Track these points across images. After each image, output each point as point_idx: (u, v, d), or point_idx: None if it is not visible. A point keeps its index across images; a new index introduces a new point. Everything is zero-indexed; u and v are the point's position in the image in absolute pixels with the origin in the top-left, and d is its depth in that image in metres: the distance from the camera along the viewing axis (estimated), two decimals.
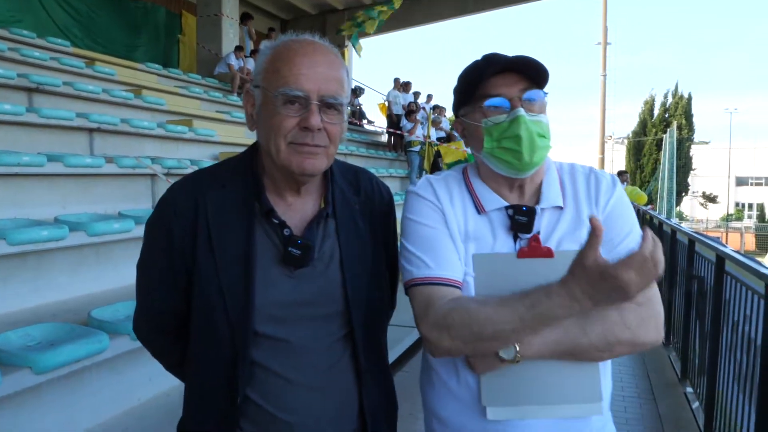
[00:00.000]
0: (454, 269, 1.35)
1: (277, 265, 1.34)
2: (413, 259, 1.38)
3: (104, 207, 4.84)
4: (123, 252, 4.35)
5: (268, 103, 1.32)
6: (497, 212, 1.41)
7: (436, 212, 1.41)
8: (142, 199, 5.27)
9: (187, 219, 1.34)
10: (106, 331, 3.01)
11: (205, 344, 1.35)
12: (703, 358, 4.15)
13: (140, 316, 1.50)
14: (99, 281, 4.18)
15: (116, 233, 4.16)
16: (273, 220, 1.36)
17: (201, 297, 1.34)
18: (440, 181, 1.47)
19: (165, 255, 1.37)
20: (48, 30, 10.76)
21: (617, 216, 1.41)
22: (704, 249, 4.50)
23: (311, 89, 1.28)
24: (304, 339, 1.35)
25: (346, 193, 1.47)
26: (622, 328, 1.28)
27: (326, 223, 1.42)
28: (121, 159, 5.04)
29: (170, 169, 5.45)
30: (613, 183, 1.45)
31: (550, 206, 1.41)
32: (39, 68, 7.20)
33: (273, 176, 1.39)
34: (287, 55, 1.31)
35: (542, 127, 1.37)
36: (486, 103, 1.37)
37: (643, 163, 36.61)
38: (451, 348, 1.27)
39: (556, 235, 1.38)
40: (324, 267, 1.39)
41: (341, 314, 1.39)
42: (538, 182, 1.44)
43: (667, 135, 17.70)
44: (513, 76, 1.36)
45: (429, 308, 1.30)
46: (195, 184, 1.40)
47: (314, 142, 1.30)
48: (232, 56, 12.40)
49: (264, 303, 1.31)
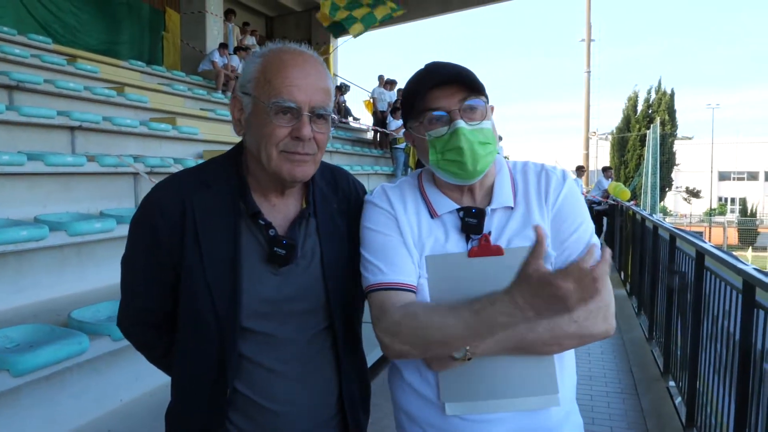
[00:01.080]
0: (408, 274, 1.40)
1: (263, 263, 1.40)
2: (369, 266, 1.42)
3: (86, 206, 4.79)
4: (105, 252, 4.31)
5: (259, 112, 1.36)
6: (449, 215, 1.47)
7: (390, 219, 1.46)
8: (124, 199, 5.22)
9: (173, 219, 1.38)
10: (87, 332, 2.98)
11: (193, 339, 1.40)
12: (684, 353, 4.19)
13: (125, 311, 1.53)
14: (80, 282, 4.14)
15: (98, 233, 4.12)
16: (259, 221, 1.41)
17: (189, 294, 1.38)
18: (395, 189, 1.52)
19: (150, 252, 1.40)
20: (28, 26, 10.61)
21: (567, 211, 1.45)
22: (685, 245, 4.54)
23: (303, 101, 1.34)
24: (289, 333, 1.41)
25: (326, 193, 1.54)
26: (569, 322, 1.33)
27: (308, 222, 1.48)
28: (103, 157, 4.99)
29: (153, 168, 5.41)
30: (563, 178, 1.49)
31: (501, 206, 1.46)
32: (19, 65, 7.11)
33: (258, 178, 1.44)
34: (279, 66, 1.35)
35: (485, 134, 1.41)
36: (426, 115, 1.42)
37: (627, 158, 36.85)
38: (403, 351, 1.33)
39: (507, 233, 1.43)
40: (306, 264, 1.45)
41: (322, 309, 1.45)
42: (489, 184, 1.50)
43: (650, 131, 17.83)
44: (451, 88, 1.40)
45: (382, 314, 1.35)
46: (180, 184, 1.43)
47: (305, 150, 1.37)
48: (216, 53, 12.32)
49: (250, 300, 1.37)
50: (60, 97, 6.58)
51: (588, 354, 5.59)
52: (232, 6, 14.99)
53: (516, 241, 1.42)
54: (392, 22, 16.93)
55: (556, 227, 1.43)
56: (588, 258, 1.07)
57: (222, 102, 11.16)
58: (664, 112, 36.37)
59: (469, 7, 17.75)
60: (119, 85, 8.24)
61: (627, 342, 6.08)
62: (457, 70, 1.40)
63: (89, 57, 9.47)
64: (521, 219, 1.44)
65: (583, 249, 1.39)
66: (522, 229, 1.43)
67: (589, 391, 4.71)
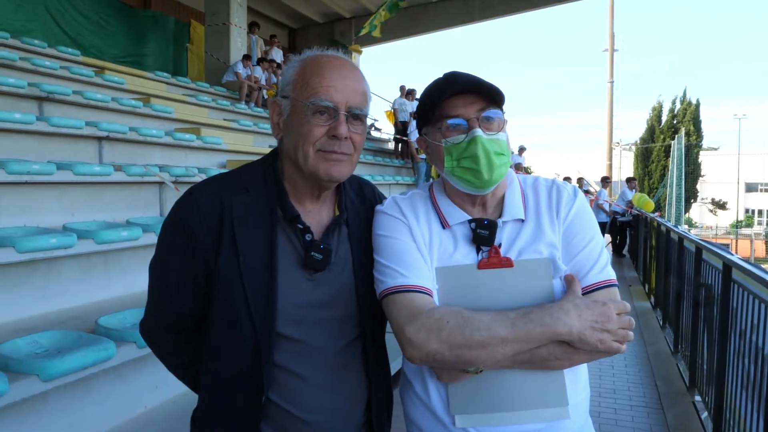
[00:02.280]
0: (427, 279, 1.42)
1: (298, 268, 1.42)
2: (387, 271, 1.43)
3: (112, 215, 4.87)
4: (131, 260, 4.37)
5: (297, 112, 1.40)
6: (460, 226, 1.48)
7: (403, 226, 1.47)
8: (150, 207, 5.30)
9: (211, 221, 1.39)
10: (113, 339, 3.02)
11: (227, 345, 1.41)
12: (711, 367, 4.11)
13: (152, 317, 1.53)
14: (107, 289, 4.21)
15: (124, 241, 4.18)
16: (298, 225, 1.43)
17: (224, 299, 1.39)
18: (405, 200, 1.54)
19: (185, 256, 1.41)
20: (58, 39, 10.88)
21: (578, 226, 1.47)
22: (711, 257, 4.47)
23: (340, 101, 1.38)
24: (321, 340, 1.43)
25: (355, 203, 1.57)
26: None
27: (340, 229, 1.51)
28: (129, 167, 5.07)
29: (178, 177, 5.48)
30: (574, 194, 1.51)
31: (512, 219, 1.47)
32: (49, 77, 7.27)
33: (294, 183, 1.47)
34: (317, 69, 1.40)
35: (500, 145, 1.43)
36: (445, 123, 1.43)
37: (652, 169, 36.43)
38: (436, 352, 1.31)
39: (517, 245, 1.45)
40: (339, 271, 1.47)
41: (353, 317, 1.48)
42: (500, 196, 1.51)
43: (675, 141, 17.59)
44: (470, 97, 1.42)
45: (417, 312, 1.34)
46: (219, 187, 1.45)
47: (341, 149, 1.40)
48: (239, 65, 12.47)
49: (286, 305, 1.38)
50: (88, 107, 6.70)
51: (612, 367, 5.52)
52: (255, 18, 15.19)
53: (526, 254, 1.43)
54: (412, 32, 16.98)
55: (567, 241, 1.45)
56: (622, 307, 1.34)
57: (245, 113, 11.28)
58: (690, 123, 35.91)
59: (491, 18, 17.76)
60: (145, 96, 8.38)
61: (652, 355, 5.98)
62: (477, 80, 1.42)
63: (116, 69, 9.64)
64: (531, 232, 1.46)
65: (593, 264, 1.42)
66: (532, 242, 1.44)
67: (612, 405, 4.65)
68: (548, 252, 1.43)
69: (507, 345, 1.28)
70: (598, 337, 1.29)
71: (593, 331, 1.29)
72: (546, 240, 1.44)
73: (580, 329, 1.28)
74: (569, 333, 1.28)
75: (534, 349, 1.31)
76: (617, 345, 1.30)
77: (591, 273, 1.41)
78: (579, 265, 1.42)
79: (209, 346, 1.45)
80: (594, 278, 1.41)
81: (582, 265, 1.42)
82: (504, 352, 1.29)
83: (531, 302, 1.36)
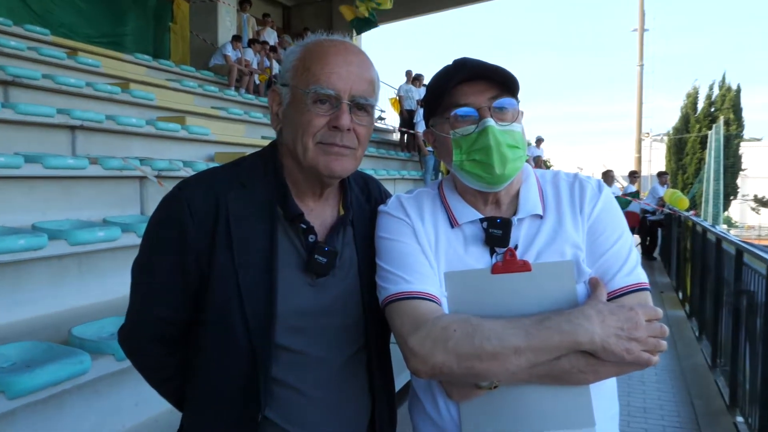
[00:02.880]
0: (433, 284, 1.41)
1: (299, 272, 1.42)
2: (389, 276, 1.43)
3: (88, 213, 4.87)
4: (108, 263, 4.38)
5: (297, 101, 1.40)
6: (471, 225, 1.48)
7: (407, 228, 1.48)
8: (129, 205, 5.30)
9: (204, 219, 1.39)
10: (89, 351, 3.02)
11: (220, 356, 1.40)
12: (754, 384, 4.10)
13: (134, 324, 1.53)
14: (81, 295, 4.21)
15: (101, 242, 4.18)
16: (300, 225, 1.44)
17: (217, 304, 1.39)
18: (410, 199, 1.54)
19: (175, 257, 1.41)
20: (24, 17, 10.83)
21: (603, 224, 1.46)
22: (754, 260, 4.46)
23: (343, 88, 1.38)
24: (323, 351, 1.43)
25: (360, 201, 1.58)
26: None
27: (345, 230, 1.52)
28: (106, 160, 5.07)
29: (160, 171, 5.48)
30: (599, 189, 1.50)
31: (528, 215, 1.47)
32: (15, 59, 7.26)
33: (295, 179, 1.48)
34: (319, 54, 1.40)
35: (514, 137, 1.42)
36: (453, 112, 1.43)
37: (686, 162, 36.34)
38: (443, 365, 1.30)
39: (536, 246, 1.44)
40: (344, 275, 1.48)
41: (357, 324, 1.48)
42: (515, 193, 1.50)
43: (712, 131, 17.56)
44: (481, 84, 1.42)
45: (422, 321, 1.34)
46: (213, 182, 1.45)
47: (343, 142, 1.40)
48: (228, 46, 12.48)
49: (285, 312, 1.38)
50: (59, 93, 6.70)
51: (642, 383, 5.51)
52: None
53: (546, 255, 1.42)
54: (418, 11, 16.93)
55: (591, 241, 1.44)
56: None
57: (235, 100, 11.29)
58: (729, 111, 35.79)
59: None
60: (123, 80, 8.39)
61: (686, 370, 5.97)
62: (489, 66, 1.42)
63: (91, 50, 9.65)
64: (551, 230, 1.45)
65: (621, 265, 1.41)
66: (552, 242, 1.43)
67: (643, 425, 4.64)
68: (571, 253, 1.42)
69: (521, 355, 1.27)
70: (625, 346, 1.27)
71: (619, 340, 1.27)
72: (568, 240, 1.43)
73: (603, 337, 1.27)
74: (591, 341, 1.27)
75: (553, 360, 1.30)
76: (647, 356, 1.29)
77: (618, 275, 1.40)
78: (605, 267, 1.41)
79: (199, 358, 1.44)
80: (622, 281, 1.40)
81: (608, 267, 1.41)
82: (518, 363, 1.28)
83: (552, 310, 1.35)
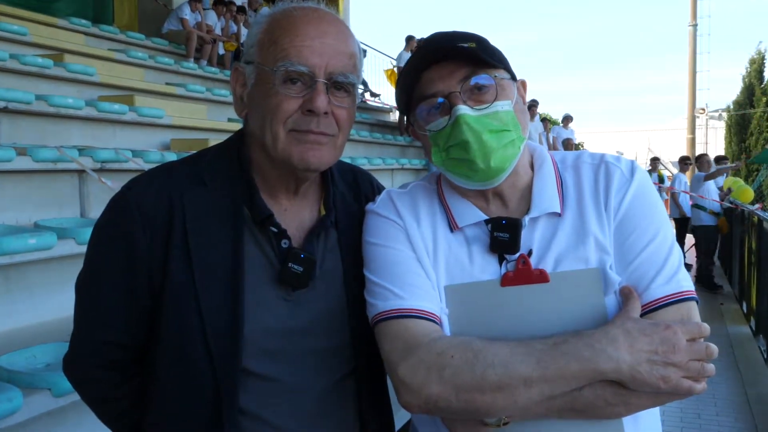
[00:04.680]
0: (430, 299, 1.42)
1: (271, 284, 1.44)
2: (378, 290, 1.44)
3: (15, 215, 4.86)
4: (42, 276, 4.37)
5: (263, 81, 1.41)
6: (474, 228, 1.49)
7: (398, 231, 1.48)
8: (66, 204, 5.29)
9: (158, 224, 1.41)
10: (20, 385, 3.00)
11: (178, 385, 1.42)
12: None
13: (80, 350, 1.54)
14: (10, 317, 4.19)
15: (32, 251, 4.16)
16: (271, 228, 1.44)
17: (174, 324, 1.41)
18: (403, 196, 1.55)
19: (123, 269, 1.43)
20: None
21: (635, 219, 1.44)
22: None
23: (317, 64, 1.38)
24: (302, 378, 1.44)
25: (347, 198, 1.59)
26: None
27: (327, 233, 1.53)
28: (37, 150, 5.05)
29: (104, 164, 5.46)
30: (631, 173, 1.48)
31: (544, 213, 1.46)
32: None
33: (265, 174, 1.49)
34: (288, 24, 1.40)
35: (499, 118, 1.41)
36: (422, 106, 1.44)
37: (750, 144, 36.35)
38: (438, 398, 1.30)
39: (553, 251, 1.44)
40: (326, 288, 1.49)
41: (344, 348, 1.50)
42: (524, 185, 1.50)
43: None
44: (449, 65, 1.42)
45: (414, 344, 1.35)
46: (167, 180, 1.46)
47: (320, 129, 1.40)
48: (186, 8, 12.46)
49: (254, 332, 1.40)
50: None
51: (698, 416, 5.53)
52: None
53: (566, 262, 1.42)
54: None
55: (620, 242, 1.43)
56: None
57: (195, 74, 11.27)
58: None
59: None
60: (56, 51, 8.36)
61: (752, 399, 5.99)
62: (454, 41, 1.41)
63: (15, 14, 9.58)
64: (573, 231, 1.45)
65: (657, 271, 1.39)
66: (574, 246, 1.43)
67: None
68: (597, 258, 1.42)
69: (532, 387, 1.27)
70: (660, 373, 1.26)
71: (652, 366, 1.26)
72: (593, 242, 1.43)
73: (632, 364, 1.25)
74: (617, 370, 1.26)
75: (573, 392, 1.29)
76: (688, 383, 1.27)
77: (654, 284, 1.39)
78: (637, 275, 1.40)
79: (156, 387, 1.46)
80: (659, 291, 1.38)
81: (642, 274, 1.40)
82: (529, 396, 1.28)
83: (574, 330, 1.33)
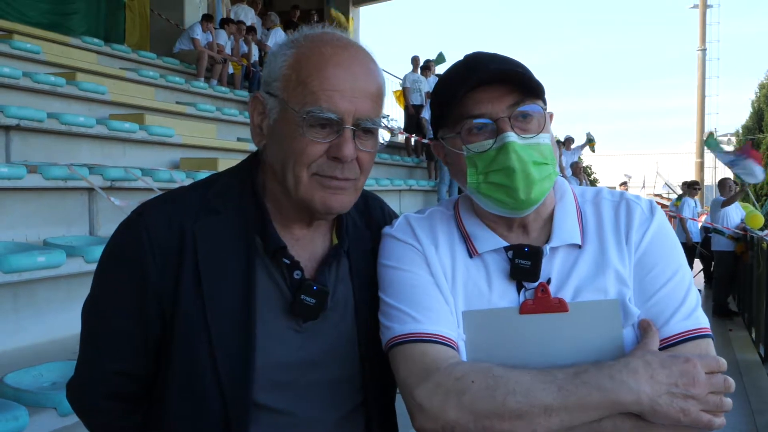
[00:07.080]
0: (448, 325, 1.42)
1: (282, 316, 1.43)
2: (395, 314, 1.44)
3: (25, 233, 4.87)
4: (50, 294, 4.37)
5: (288, 121, 1.39)
6: (494, 255, 1.49)
7: (417, 255, 1.49)
8: (76, 222, 5.30)
9: (169, 252, 1.40)
10: (25, 404, 3.00)
11: (186, 417, 1.41)
12: None
13: (86, 378, 1.53)
14: (17, 335, 4.19)
15: (41, 269, 4.17)
16: (283, 260, 1.43)
17: (183, 357, 1.40)
18: (422, 220, 1.55)
19: (132, 299, 1.42)
20: None
21: (656, 256, 1.47)
22: None
23: (347, 110, 1.37)
24: (312, 411, 1.44)
25: (359, 225, 1.58)
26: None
27: (339, 263, 1.52)
28: (47, 168, 5.07)
29: (114, 182, 5.49)
30: (651, 212, 1.51)
31: (564, 244, 1.48)
32: None
33: (279, 204, 1.48)
34: (317, 64, 1.38)
35: (542, 152, 1.43)
36: (465, 125, 1.43)
37: None
38: (456, 423, 1.30)
39: (573, 281, 1.45)
40: (338, 319, 1.48)
41: (354, 379, 1.49)
42: (547, 215, 1.52)
43: None
44: (499, 89, 1.42)
45: (432, 368, 1.35)
46: (179, 207, 1.46)
47: (344, 175, 1.40)
48: (197, 27, 12.54)
49: (266, 365, 1.39)
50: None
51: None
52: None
53: (585, 293, 1.43)
54: None
55: (641, 277, 1.45)
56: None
57: (205, 93, 11.34)
58: None
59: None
60: (69, 70, 8.42)
61: (761, 427, 5.92)
62: (507, 66, 1.42)
63: (29, 33, 9.66)
64: (592, 262, 1.46)
65: (677, 307, 1.41)
66: (594, 277, 1.44)
67: None
68: (616, 290, 1.43)
69: (553, 416, 1.27)
70: (680, 406, 1.27)
71: (672, 399, 1.27)
72: (613, 274, 1.44)
73: (652, 396, 1.26)
74: (637, 401, 1.27)
75: (592, 423, 1.29)
76: (708, 417, 1.28)
77: (673, 320, 1.41)
78: (657, 309, 1.42)
79: (164, 418, 1.45)
80: (678, 326, 1.41)
81: (662, 309, 1.42)
82: (549, 425, 1.28)
83: (592, 360, 1.35)
